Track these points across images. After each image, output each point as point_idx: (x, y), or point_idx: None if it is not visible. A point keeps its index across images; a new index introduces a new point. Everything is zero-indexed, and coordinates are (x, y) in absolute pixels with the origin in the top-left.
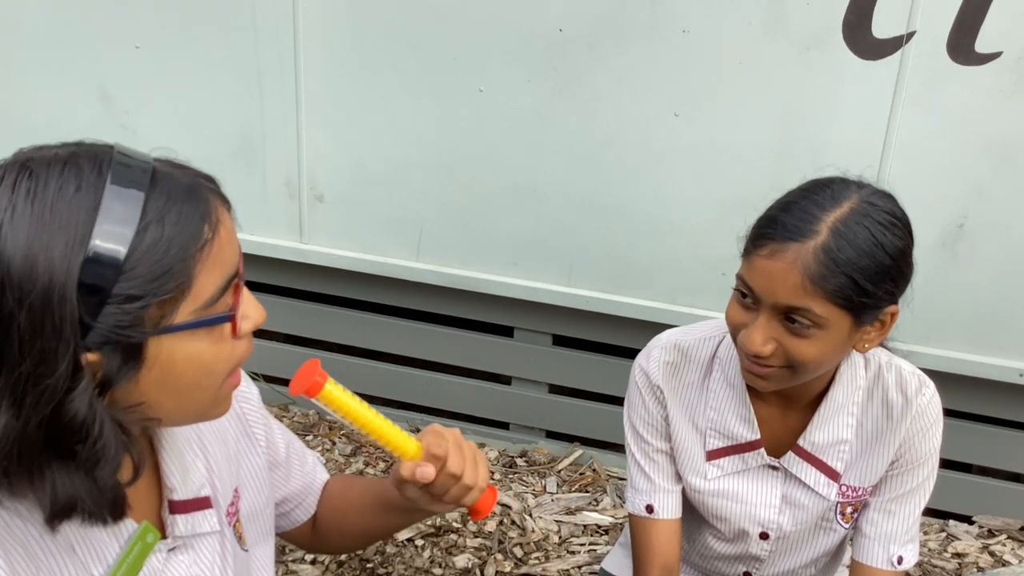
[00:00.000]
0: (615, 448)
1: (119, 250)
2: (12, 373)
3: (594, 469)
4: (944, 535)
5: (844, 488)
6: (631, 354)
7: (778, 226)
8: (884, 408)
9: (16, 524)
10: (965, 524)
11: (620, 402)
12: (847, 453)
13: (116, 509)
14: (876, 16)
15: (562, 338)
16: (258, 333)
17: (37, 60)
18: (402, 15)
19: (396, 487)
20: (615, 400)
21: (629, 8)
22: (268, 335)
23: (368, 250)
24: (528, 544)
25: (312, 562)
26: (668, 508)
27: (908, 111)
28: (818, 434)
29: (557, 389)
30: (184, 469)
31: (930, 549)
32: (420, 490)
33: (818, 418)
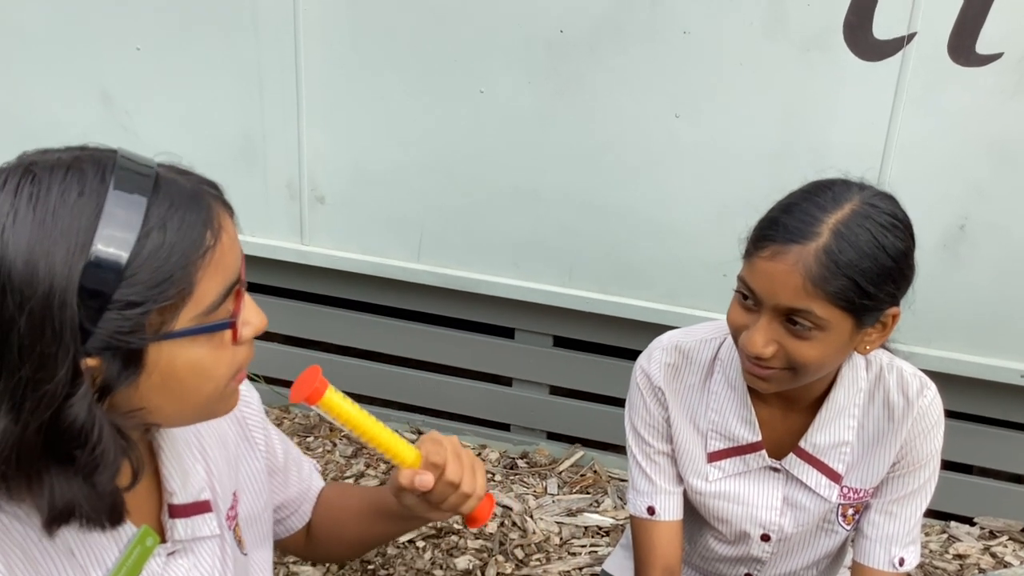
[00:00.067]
0: (616, 449)
1: (121, 255)
2: (12, 378)
3: (595, 470)
4: (945, 536)
5: (845, 490)
6: (632, 355)
7: (779, 228)
8: (885, 410)
9: (15, 528)
10: (966, 525)
11: (621, 403)
12: (848, 455)
13: (114, 514)
14: (877, 17)
15: (563, 339)
16: (259, 335)
17: (38, 62)
18: (403, 16)
19: (394, 494)
20: (616, 401)
21: (630, 9)
22: (269, 336)
23: (369, 251)
24: (529, 545)
25: (314, 564)
26: (669, 510)
27: (909, 112)
28: (819, 436)
29: (558, 390)
30: (184, 473)
31: (931, 550)
32: (418, 498)
33: (819, 420)
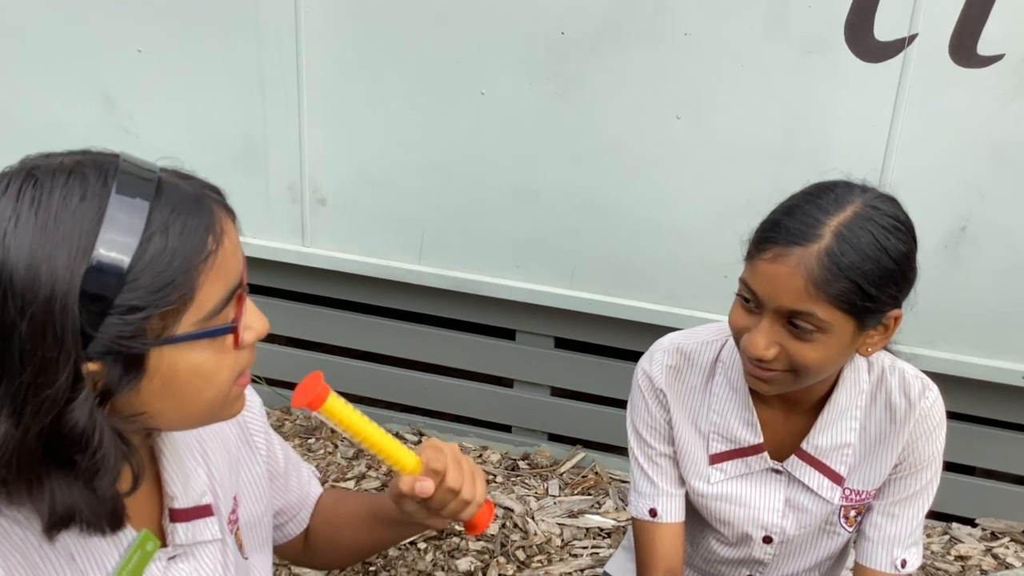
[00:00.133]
0: (617, 451)
1: (123, 260)
2: (13, 382)
3: (596, 472)
4: (947, 538)
5: (847, 492)
6: (633, 357)
7: (781, 230)
8: (887, 411)
9: (15, 532)
10: (968, 527)
11: (622, 405)
12: (850, 457)
13: (115, 519)
14: (878, 18)
15: (564, 341)
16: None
17: (39, 64)
18: (404, 18)
19: (394, 501)
20: (617, 403)
21: (631, 11)
22: (270, 338)
23: (370, 253)
24: (530, 547)
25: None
26: (671, 512)
27: (910, 113)
28: (821, 438)
29: (559, 392)
30: (185, 477)
31: (933, 552)
32: (418, 504)
33: (821, 422)
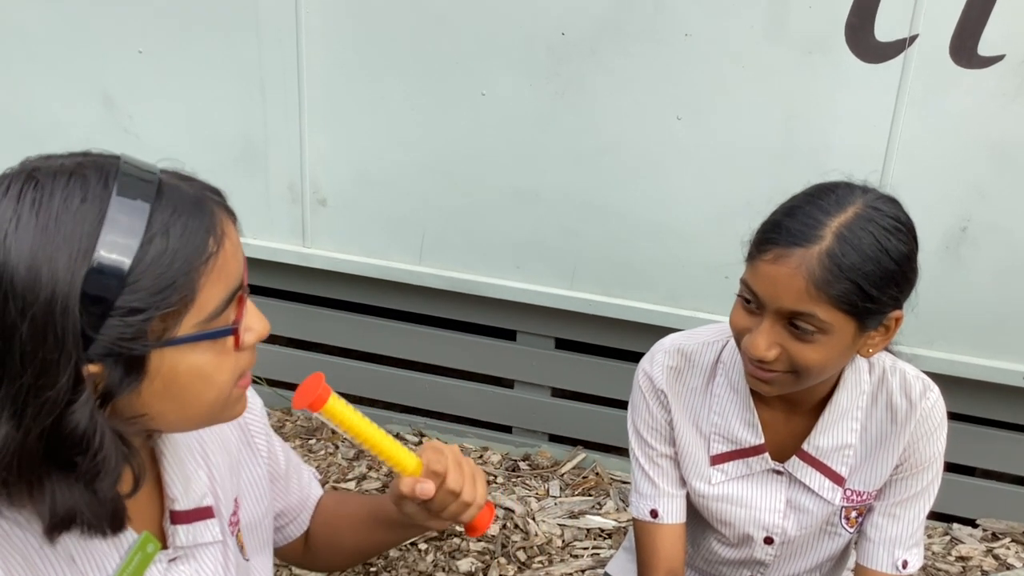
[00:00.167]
0: (618, 451)
1: (123, 261)
2: (13, 384)
3: (597, 473)
4: (948, 538)
5: (849, 492)
6: (634, 357)
7: (782, 231)
8: (888, 412)
9: (16, 534)
10: (969, 527)
11: (623, 405)
12: (852, 457)
13: (116, 521)
14: (878, 19)
15: (564, 341)
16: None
17: (40, 65)
18: (404, 19)
19: (394, 502)
20: (618, 403)
21: (631, 12)
22: (271, 339)
23: (371, 254)
24: (531, 548)
25: None
26: (672, 513)
27: (911, 114)
28: (822, 439)
29: (560, 392)
30: (186, 479)
31: (934, 552)
32: (418, 506)
33: (822, 423)
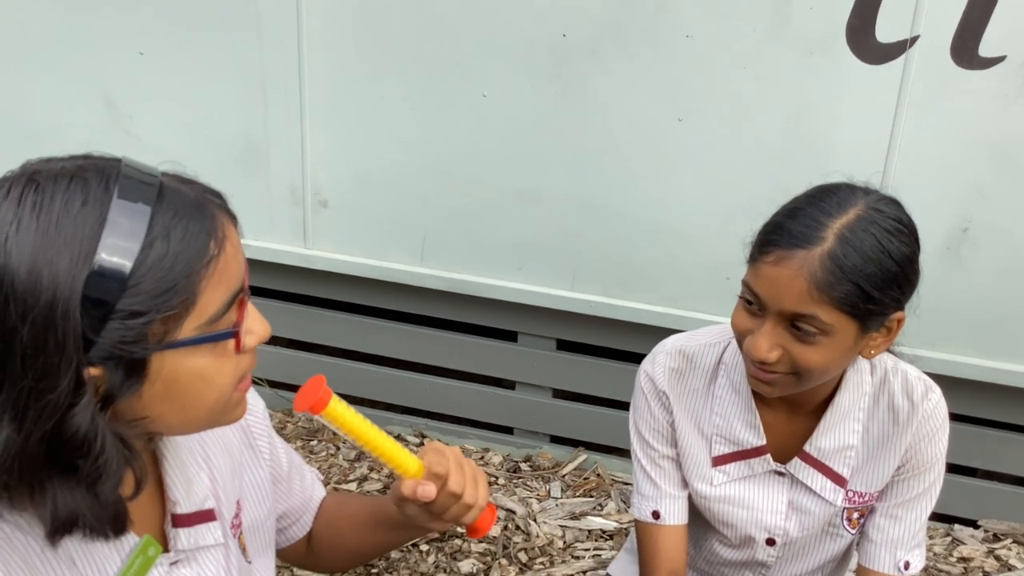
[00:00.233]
0: (619, 452)
1: (124, 264)
2: (14, 388)
3: (598, 474)
4: (949, 539)
5: (851, 494)
6: (635, 358)
7: (784, 233)
8: (890, 413)
9: (17, 537)
10: (971, 528)
11: (624, 406)
12: (853, 459)
13: (117, 524)
14: (880, 20)
15: (566, 343)
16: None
17: (41, 66)
18: (405, 20)
19: (396, 504)
20: (619, 404)
21: (632, 13)
22: (272, 340)
23: (372, 255)
24: (533, 549)
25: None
26: (674, 514)
27: (912, 115)
28: (824, 440)
29: (561, 394)
30: (188, 481)
31: (935, 553)
32: (420, 508)
33: (824, 424)
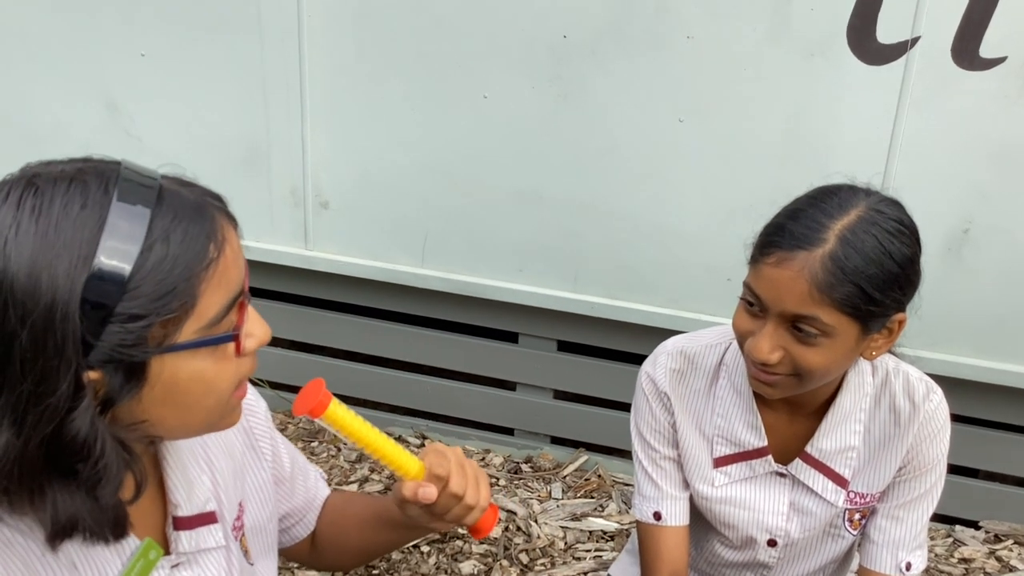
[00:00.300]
0: (620, 454)
1: (124, 268)
2: (13, 391)
3: (599, 475)
4: (951, 540)
5: (852, 495)
6: (636, 360)
7: (785, 234)
8: (892, 414)
9: (17, 541)
10: (972, 529)
11: (625, 408)
12: (855, 460)
13: (118, 527)
14: (880, 21)
15: (567, 344)
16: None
17: (42, 67)
18: (406, 22)
19: (398, 505)
20: (620, 406)
21: (633, 14)
22: (273, 342)
23: (373, 257)
24: (534, 550)
25: (319, 570)
26: (676, 515)
27: (913, 116)
28: (826, 441)
29: (562, 395)
30: (189, 484)
31: (937, 554)
32: (421, 509)
33: (826, 425)
